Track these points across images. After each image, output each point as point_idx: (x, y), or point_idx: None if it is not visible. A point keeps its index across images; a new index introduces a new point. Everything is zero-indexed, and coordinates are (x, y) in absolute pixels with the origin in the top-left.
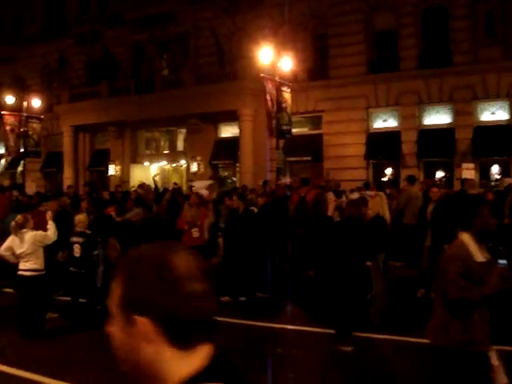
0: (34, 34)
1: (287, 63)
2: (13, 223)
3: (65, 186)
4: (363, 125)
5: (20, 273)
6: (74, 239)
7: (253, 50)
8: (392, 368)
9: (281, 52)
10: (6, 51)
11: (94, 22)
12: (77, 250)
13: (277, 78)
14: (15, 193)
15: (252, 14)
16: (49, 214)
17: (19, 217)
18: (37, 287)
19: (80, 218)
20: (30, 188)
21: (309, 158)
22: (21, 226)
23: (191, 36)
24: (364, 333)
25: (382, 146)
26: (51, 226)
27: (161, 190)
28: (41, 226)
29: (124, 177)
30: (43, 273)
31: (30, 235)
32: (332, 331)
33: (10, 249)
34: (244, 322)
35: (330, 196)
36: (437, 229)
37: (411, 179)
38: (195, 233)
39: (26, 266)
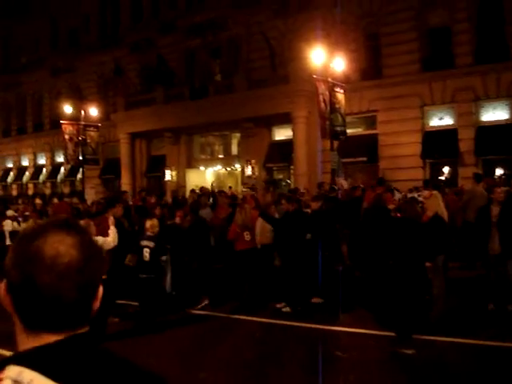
0: (89, 45)
1: (339, 64)
2: None
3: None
4: (419, 123)
5: None
6: (145, 243)
7: (305, 51)
8: (454, 371)
9: (333, 53)
10: (64, 62)
11: (147, 30)
12: (146, 255)
13: (329, 79)
14: (75, 200)
15: (303, 16)
16: (111, 220)
17: (81, 222)
18: None
19: (152, 223)
20: (90, 195)
21: (364, 159)
22: None
23: (243, 40)
24: (425, 335)
25: (438, 145)
26: (112, 231)
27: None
28: (104, 231)
29: (180, 182)
30: (103, 277)
31: None
32: (392, 334)
33: None
34: (302, 324)
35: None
36: (507, 234)
37: (477, 177)
38: (247, 236)
39: None
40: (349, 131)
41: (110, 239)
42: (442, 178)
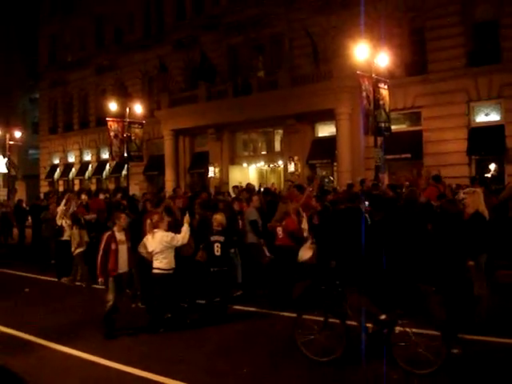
0: (133, 42)
1: (383, 59)
2: (148, 221)
3: (167, 188)
4: (464, 119)
5: (152, 270)
6: (215, 238)
7: (348, 47)
8: (500, 371)
9: (377, 48)
10: (109, 60)
11: (191, 27)
12: (217, 249)
13: (373, 75)
14: (118, 196)
15: (346, 12)
16: (186, 218)
17: (155, 216)
18: (160, 286)
19: (218, 218)
20: (134, 191)
21: (408, 156)
22: (154, 226)
23: (286, 37)
24: (469, 335)
25: (484, 141)
26: (184, 229)
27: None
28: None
29: (223, 178)
30: (169, 272)
31: (159, 235)
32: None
33: (144, 246)
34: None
35: None
36: None
37: None
38: (279, 232)
39: (155, 265)
40: (393, 127)
41: (179, 236)
42: (488, 175)
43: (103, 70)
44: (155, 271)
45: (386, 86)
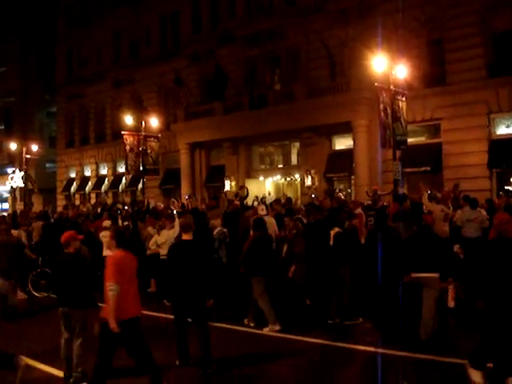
0: (150, 56)
1: (402, 71)
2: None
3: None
4: (485, 132)
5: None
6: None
7: (365, 59)
8: None
9: (395, 60)
10: (125, 74)
11: (207, 41)
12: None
13: (391, 87)
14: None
15: (364, 23)
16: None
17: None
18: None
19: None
20: (151, 203)
21: (427, 168)
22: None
23: (302, 49)
24: None
25: (506, 154)
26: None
27: None
28: None
29: (239, 192)
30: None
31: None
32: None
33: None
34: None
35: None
36: None
37: None
38: None
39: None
40: (412, 140)
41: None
42: (510, 188)
43: (120, 83)
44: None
45: (403, 98)
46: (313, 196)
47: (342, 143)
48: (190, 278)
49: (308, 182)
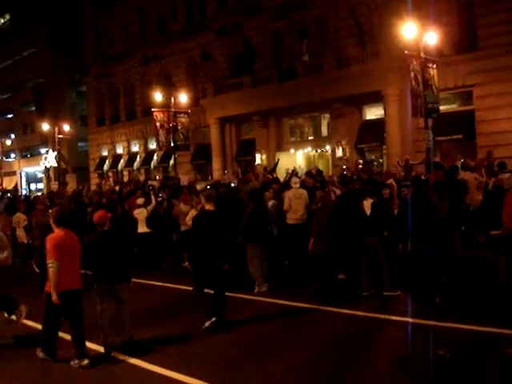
0: (177, 32)
1: (432, 37)
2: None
3: (215, 177)
4: None
5: None
6: None
7: (395, 26)
8: None
9: (425, 26)
10: (153, 50)
11: (233, 14)
12: None
13: (422, 54)
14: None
15: None
16: None
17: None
18: None
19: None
20: (182, 180)
21: (460, 136)
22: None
23: (330, 19)
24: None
25: None
26: None
27: None
28: None
29: (270, 165)
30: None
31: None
32: None
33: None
34: (401, 319)
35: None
36: None
37: None
38: None
39: None
40: (443, 108)
41: None
42: None
43: (148, 60)
44: None
45: (434, 66)
46: (344, 167)
47: (373, 113)
48: (210, 245)
49: (339, 153)
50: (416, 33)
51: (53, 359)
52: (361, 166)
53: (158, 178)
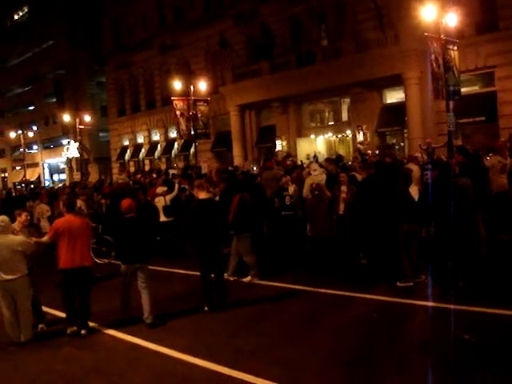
0: (194, 20)
1: (452, 19)
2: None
3: (236, 163)
4: None
5: None
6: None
7: (414, 8)
8: None
9: (445, 8)
10: (171, 39)
11: (250, 0)
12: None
13: (442, 36)
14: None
15: None
16: None
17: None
18: None
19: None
20: (203, 168)
21: (482, 119)
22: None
23: (348, 2)
24: None
25: None
26: None
27: None
28: None
29: (291, 151)
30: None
31: None
32: None
33: None
34: (424, 303)
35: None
36: None
37: None
38: None
39: None
40: (465, 90)
41: None
42: None
43: (166, 49)
44: None
45: (455, 47)
46: (360, 147)
47: (394, 96)
48: (207, 230)
49: (360, 137)
50: (436, 14)
51: (77, 329)
52: (377, 151)
53: (175, 166)
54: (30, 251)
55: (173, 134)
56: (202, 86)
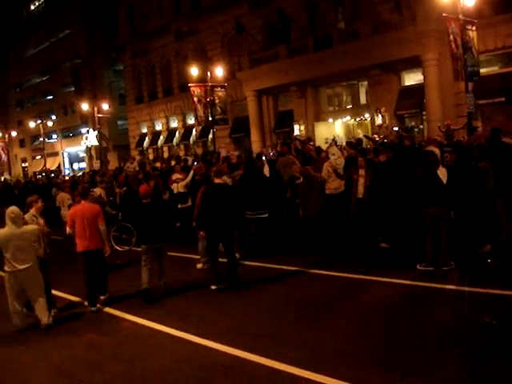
0: (210, 5)
1: None
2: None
3: (255, 149)
4: None
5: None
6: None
7: None
8: None
9: None
10: (187, 25)
11: None
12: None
13: (460, 16)
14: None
15: None
16: None
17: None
18: None
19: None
20: (221, 154)
21: (502, 99)
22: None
23: None
24: None
25: None
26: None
27: None
28: None
29: (309, 135)
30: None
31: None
32: None
33: None
34: (444, 286)
35: None
36: None
37: None
38: None
39: None
40: (484, 70)
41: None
42: None
43: (182, 36)
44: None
45: (474, 28)
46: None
47: (412, 79)
48: (221, 214)
49: (378, 120)
50: None
51: (96, 308)
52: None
53: (189, 153)
54: (47, 239)
55: (191, 121)
56: (219, 71)
